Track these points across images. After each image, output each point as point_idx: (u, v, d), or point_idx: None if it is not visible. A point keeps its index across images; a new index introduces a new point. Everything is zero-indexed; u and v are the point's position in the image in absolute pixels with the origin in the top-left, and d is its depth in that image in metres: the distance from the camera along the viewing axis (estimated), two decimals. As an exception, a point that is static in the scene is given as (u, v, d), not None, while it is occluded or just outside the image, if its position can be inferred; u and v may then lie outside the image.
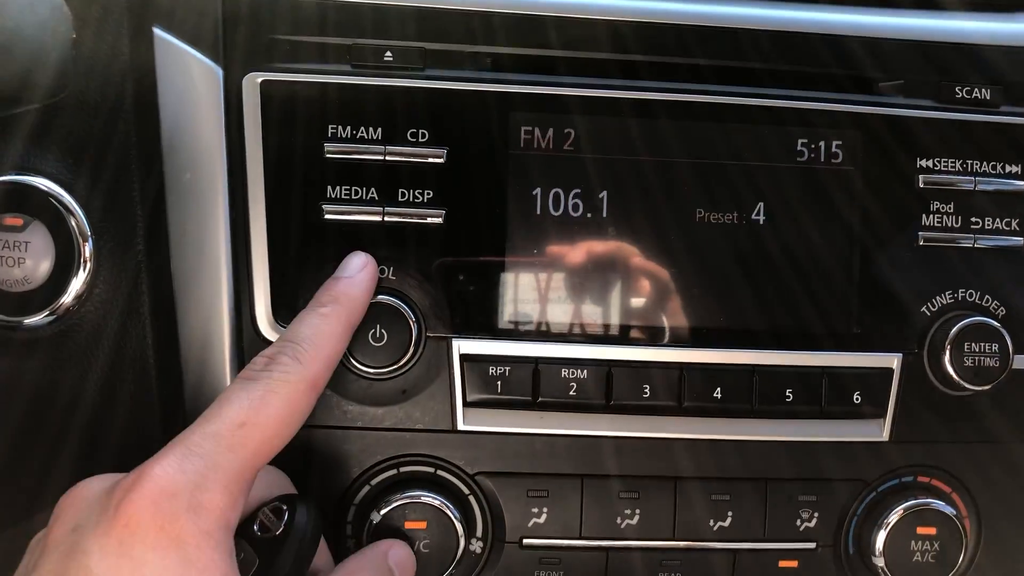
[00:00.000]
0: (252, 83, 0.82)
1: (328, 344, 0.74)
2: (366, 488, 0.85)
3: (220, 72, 0.82)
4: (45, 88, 0.64)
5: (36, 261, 0.83)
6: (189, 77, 0.83)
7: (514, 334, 0.84)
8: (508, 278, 0.84)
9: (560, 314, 0.85)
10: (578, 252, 0.85)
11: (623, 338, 0.85)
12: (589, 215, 0.85)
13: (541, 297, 0.85)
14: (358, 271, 0.79)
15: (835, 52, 0.88)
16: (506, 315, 0.84)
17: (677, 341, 0.85)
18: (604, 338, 0.85)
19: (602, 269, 0.85)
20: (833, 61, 0.88)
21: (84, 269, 0.83)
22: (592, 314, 0.85)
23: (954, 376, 0.86)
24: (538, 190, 0.85)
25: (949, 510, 0.88)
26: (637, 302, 0.85)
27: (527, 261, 0.84)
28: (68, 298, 0.83)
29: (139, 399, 0.86)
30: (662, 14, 0.86)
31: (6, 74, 0.59)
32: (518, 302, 0.85)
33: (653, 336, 0.85)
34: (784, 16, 0.88)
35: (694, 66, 0.87)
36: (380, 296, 0.81)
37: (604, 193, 0.85)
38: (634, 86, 0.86)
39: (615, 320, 0.85)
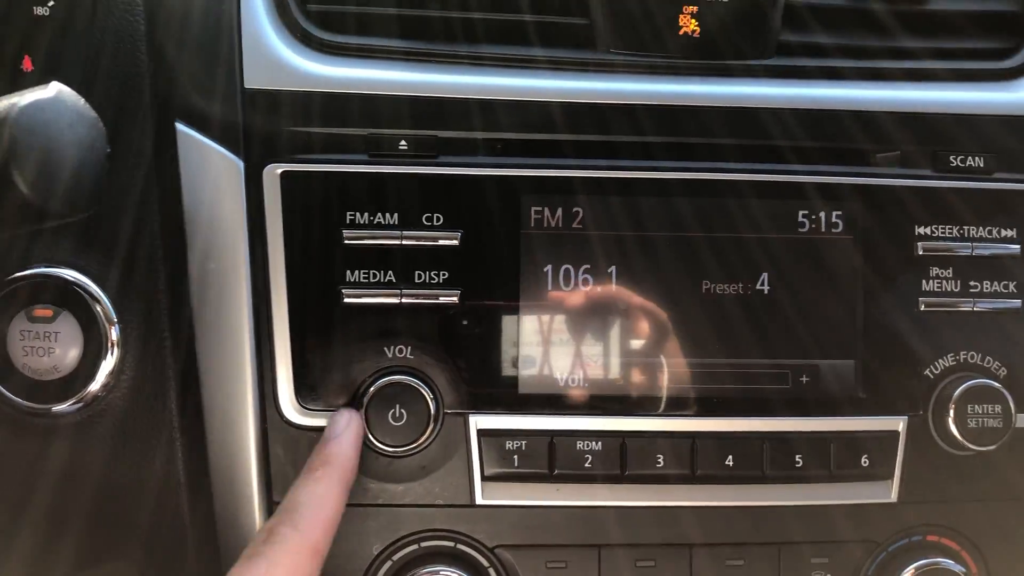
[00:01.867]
0: (272, 174, 0.85)
1: (325, 507, 0.76)
2: (388, 563, 0.87)
3: (241, 164, 0.86)
4: (84, 204, 0.67)
5: (65, 350, 0.86)
6: (211, 170, 0.86)
7: (530, 408, 0.87)
8: (523, 354, 0.87)
9: (573, 387, 0.87)
10: (588, 327, 0.88)
11: (636, 409, 0.88)
12: (599, 290, 0.88)
13: (556, 371, 0.88)
14: (343, 429, 0.82)
15: (832, 126, 0.91)
16: (521, 390, 0.87)
17: (688, 410, 0.88)
18: (617, 409, 0.87)
19: (614, 342, 0.88)
20: (831, 135, 0.91)
21: (111, 354, 0.86)
22: (605, 386, 0.88)
23: (958, 437, 0.89)
24: (549, 267, 0.88)
25: (959, 568, 0.90)
26: (648, 373, 0.88)
27: (540, 337, 0.87)
28: (96, 385, 0.85)
29: (165, 482, 0.88)
30: (664, 96, 0.90)
31: (52, 194, 0.62)
32: (532, 376, 0.87)
33: (665, 406, 0.88)
34: (780, 94, 0.91)
35: (696, 144, 0.90)
36: (399, 376, 0.84)
37: (613, 268, 0.88)
38: (639, 166, 0.89)
39: (627, 392, 0.88)
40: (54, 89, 0.65)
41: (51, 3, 0.88)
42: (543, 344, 0.87)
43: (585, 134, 0.89)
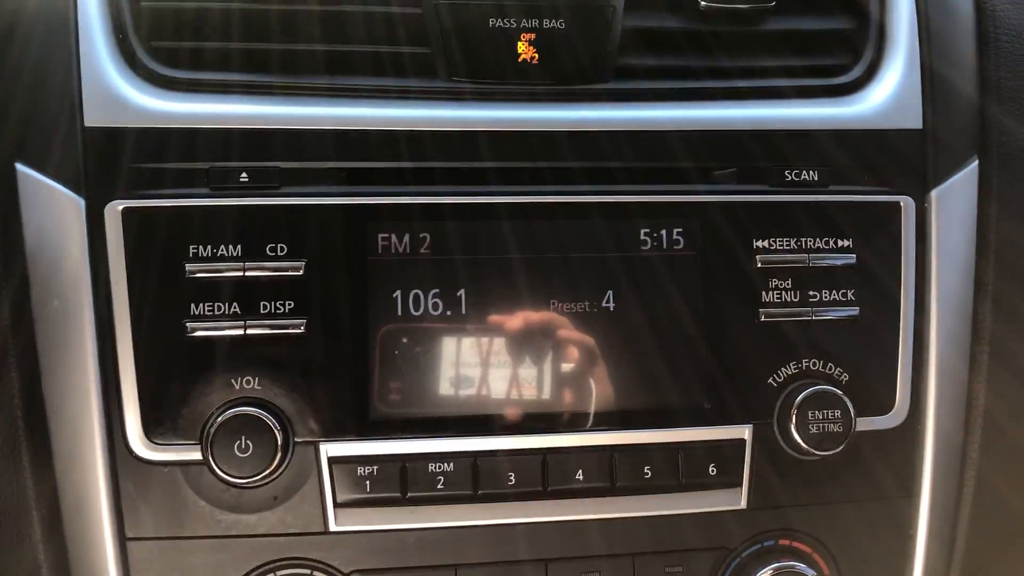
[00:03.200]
0: (113, 211, 0.86)
1: None
2: (245, 594, 0.87)
3: (82, 202, 0.86)
4: None
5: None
6: (53, 209, 0.86)
7: (381, 432, 0.88)
8: (371, 379, 0.88)
9: (424, 410, 0.89)
10: (439, 350, 0.89)
11: (485, 429, 0.89)
12: (449, 313, 0.89)
13: (404, 395, 0.89)
14: None
15: (671, 146, 0.94)
16: (371, 415, 0.88)
17: (538, 428, 0.89)
18: (468, 430, 0.89)
19: (462, 365, 0.89)
20: (670, 155, 0.94)
21: (-43, 398, 0.85)
22: (455, 407, 0.89)
23: (802, 443, 0.91)
24: (398, 292, 0.89)
25: (810, 572, 0.93)
26: (498, 393, 0.89)
27: (389, 362, 0.88)
28: None
29: (17, 529, 0.87)
30: (505, 122, 0.92)
31: None
32: (382, 402, 0.88)
33: (514, 425, 0.89)
34: (619, 116, 0.93)
35: (541, 168, 0.92)
36: (244, 407, 0.84)
37: (462, 291, 0.90)
38: (484, 191, 0.91)
39: (477, 412, 0.89)
40: None
41: None
42: (394, 369, 0.88)
43: (429, 161, 0.91)
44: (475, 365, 0.89)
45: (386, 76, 0.93)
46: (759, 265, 0.94)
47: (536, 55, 0.93)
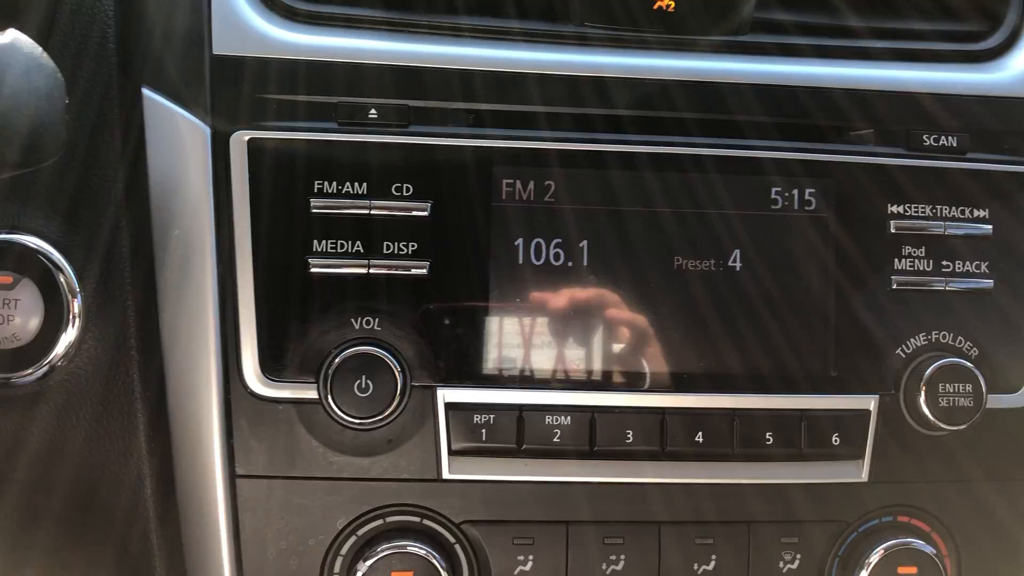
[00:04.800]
0: (239, 141, 0.84)
1: None
2: (353, 538, 0.86)
3: (208, 131, 0.84)
4: (41, 153, 0.66)
5: (26, 318, 0.84)
6: (177, 136, 0.85)
7: (498, 382, 0.86)
8: (492, 327, 0.86)
9: (543, 361, 0.86)
10: (560, 300, 0.87)
11: (605, 384, 0.87)
12: (570, 264, 0.87)
13: (525, 345, 0.87)
14: None
15: (807, 102, 0.91)
16: (490, 363, 0.86)
17: (658, 387, 0.87)
18: (587, 384, 0.87)
19: (584, 317, 0.87)
20: (805, 111, 0.91)
21: (73, 325, 0.85)
22: (575, 361, 0.87)
23: (929, 416, 0.88)
24: (520, 240, 0.87)
25: (929, 549, 0.90)
26: (618, 348, 0.87)
27: (510, 310, 0.86)
28: (57, 354, 0.84)
29: (128, 452, 0.87)
30: (638, 69, 0.89)
31: (7, 141, 0.61)
32: (502, 350, 0.86)
33: (635, 382, 0.87)
34: (757, 69, 0.91)
35: (671, 118, 0.90)
36: (366, 347, 0.83)
37: (584, 242, 0.87)
38: (612, 139, 0.88)
39: (597, 366, 0.87)
40: (10, 36, 0.64)
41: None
42: (513, 318, 0.86)
43: (558, 106, 0.88)
44: (595, 318, 0.87)
45: (516, 19, 0.90)
46: (893, 231, 0.90)
47: (672, 3, 0.90)
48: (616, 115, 0.89)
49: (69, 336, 0.84)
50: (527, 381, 0.86)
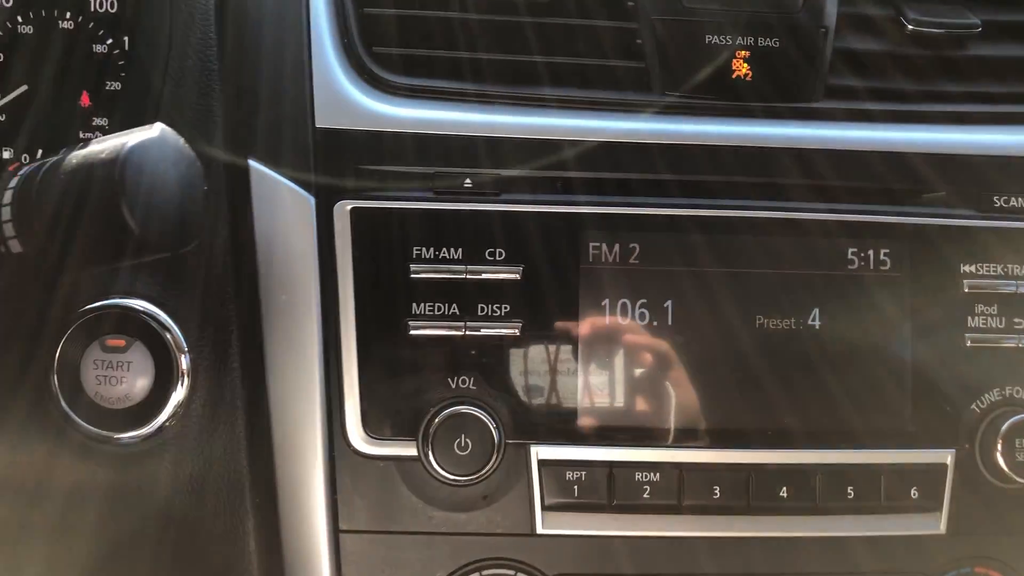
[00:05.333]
0: (343, 210, 0.88)
1: None
2: (451, 590, 0.89)
3: (312, 200, 0.89)
4: (187, 239, 0.70)
5: (135, 379, 0.88)
6: (283, 205, 0.89)
7: (590, 439, 0.89)
8: (582, 385, 0.89)
9: (632, 419, 0.90)
10: (646, 359, 0.90)
11: (692, 441, 0.90)
12: (655, 323, 0.90)
13: (614, 403, 0.90)
14: None
15: (881, 167, 0.94)
16: (581, 421, 0.89)
17: (744, 443, 0.90)
18: (675, 442, 0.90)
19: (669, 374, 0.90)
20: (879, 176, 0.94)
21: (182, 384, 0.88)
22: (663, 418, 0.90)
23: (1006, 470, 0.91)
24: (607, 301, 0.90)
25: (1007, 600, 0.92)
26: (704, 406, 0.90)
27: (599, 368, 0.89)
28: (165, 414, 0.88)
29: (232, 511, 0.90)
30: (718, 137, 0.93)
31: (157, 229, 0.65)
32: (592, 408, 0.89)
33: (721, 438, 0.90)
34: (830, 135, 0.94)
35: (751, 183, 0.93)
36: (463, 407, 0.86)
37: (669, 302, 0.91)
38: (695, 203, 0.92)
39: (684, 424, 0.90)
40: (158, 129, 0.68)
41: (109, 41, 0.92)
42: (603, 376, 0.89)
43: (642, 173, 0.92)
44: (681, 376, 0.90)
45: (598, 88, 0.94)
46: (966, 290, 0.93)
47: (750, 72, 0.94)
48: (698, 181, 0.93)
49: (177, 397, 0.88)
50: (617, 439, 0.89)
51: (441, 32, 0.94)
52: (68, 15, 0.94)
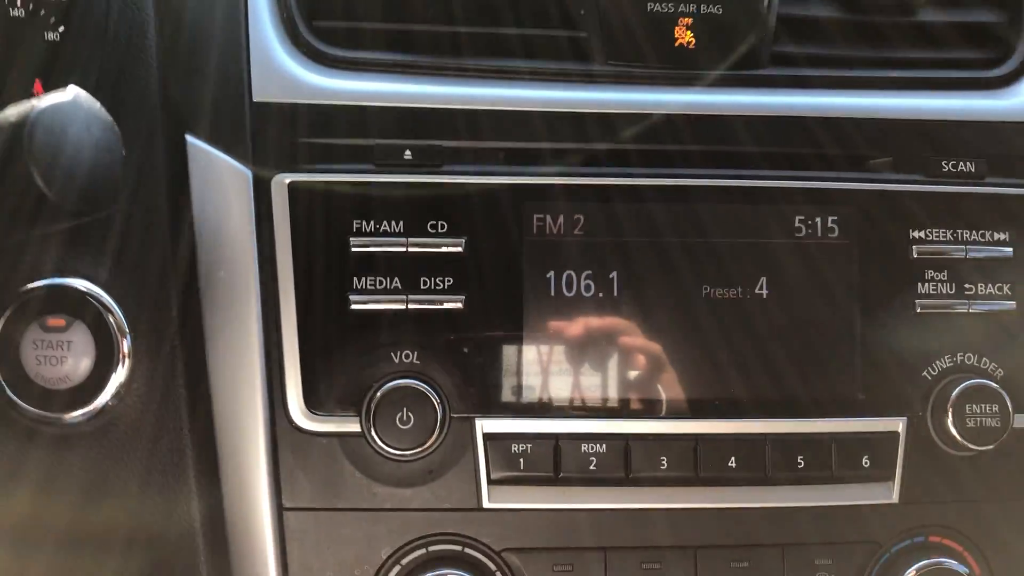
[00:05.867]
0: (280, 184, 0.87)
1: None
2: (397, 567, 0.88)
3: (250, 175, 0.88)
4: (100, 204, 0.69)
5: (77, 359, 0.87)
6: (221, 181, 0.88)
7: (535, 412, 0.88)
8: (527, 358, 0.88)
9: (578, 391, 0.89)
10: (592, 331, 0.89)
11: (639, 412, 0.89)
12: (601, 295, 0.90)
13: (559, 375, 0.89)
14: None
15: (828, 133, 0.94)
16: (526, 394, 0.88)
17: (691, 413, 0.89)
18: (621, 412, 0.89)
19: (616, 346, 0.89)
20: (826, 142, 0.93)
21: (123, 365, 0.87)
22: (609, 389, 0.89)
23: (958, 437, 0.90)
24: (552, 273, 0.89)
25: (962, 569, 0.91)
26: (651, 376, 0.89)
27: (544, 341, 0.89)
28: (107, 394, 0.86)
29: (176, 490, 0.89)
30: (659, 106, 0.92)
31: (70, 191, 0.64)
32: (538, 380, 0.88)
33: (668, 409, 0.89)
34: (776, 102, 0.93)
35: (697, 151, 0.93)
36: (406, 380, 0.85)
37: (615, 273, 0.90)
38: (637, 173, 0.91)
39: (631, 394, 0.89)
40: (71, 92, 0.67)
41: (61, 28, 0.91)
42: (548, 348, 0.89)
43: (584, 143, 0.91)
44: (627, 347, 0.89)
45: (541, 59, 0.94)
46: (915, 255, 0.93)
47: (693, 40, 0.93)
48: (643, 150, 0.92)
49: (119, 376, 0.87)
50: (563, 410, 0.88)
51: (381, 4, 0.93)
52: (19, 2, 0.93)
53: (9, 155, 0.62)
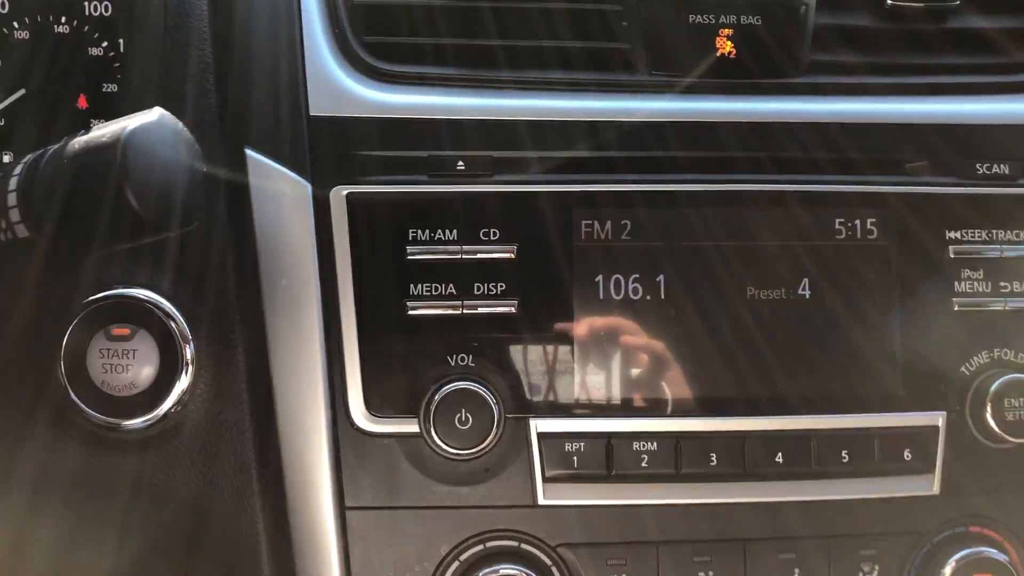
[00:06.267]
0: (338, 196, 0.90)
1: None
2: (456, 563, 0.91)
3: (309, 187, 0.91)
4: (188, 219, 0.72)
5: (141, 367, 0.90)
6: (280, 193, 0.91)
7: (587, 411, 0.91)
8: (578, 359, 0.91)
9: (628, 390, 0.92)
10: (641, 332, 0.92)
11: (688, 410, 0.92)
12: (649, 298, 0.92)
13: (610, 375, 0.92)
14: None
15: (864, 139, 0.96)
16: (578, 394, 0.91)
17: (739, 411, 0.92)
18: (671, 411, 0.92)
19: (664, 347, 0.92)
20: (864, 147, 0.96)
21: (186, 372, 0.90)
22: (658, 389, 0.92)
23: (996, 430, 0.92)
24: (600, 277, 0.92)
25: (1002, 557, 0.94)
26: (699, 376, 0.92)
27: (594, 342, 0.91)
28: (171, 401, 0.89)
29: (239, 495, 0.92)
30: (703, 114, 0.95)
31: (159, 209, 0.67)
32: (588, 381, 0.91)
33: (716, 407, 0.92)
34: (814, 109, 0.96)
35: (738, 158, 0.95)
36: (463, 383, 0.88)
37: (661, 277, 0.93)
38: (683, 179, 0.94)
39: (679, 394, 0.92)
40: (157, 113, 0.70)
41: (104, 44, 0.94)
42: (598, 350, 0.92)
43: (631, 151, 0.94)
44: (675, 348, 0.92)
45: (586, 71, 0.97)
46: (952, 255, 0.95)
47: (734, 50, 0.96)
48: (685, 157, 0.95)
49: (183, 383, 0.90)
50: (614, 410, 0.91)
51: (430, 19, 0.96)
52: (63, 19, 0.96)
53: (103, 172, 0.65)
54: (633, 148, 0.94)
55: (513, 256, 0.91)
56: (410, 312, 0.90)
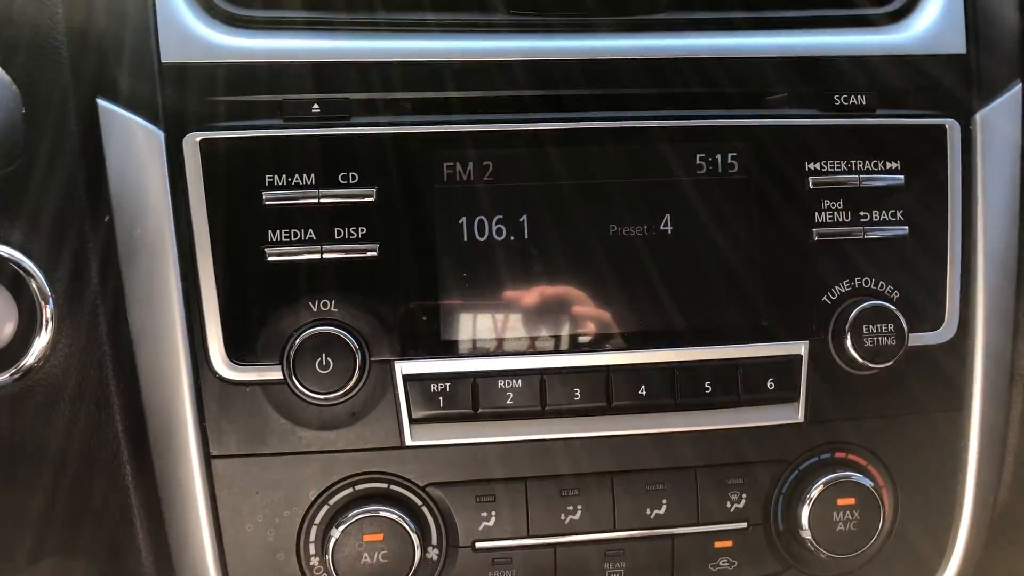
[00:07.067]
0: (192, 142, 0.89)
1: None
2: (325, 507, 0.91)
3: (161, 134, 0.89)
4: (2, 159, 0.71)
5: (1, 323, 0.88)
6: (133, 141, 0.90)
7: (452, 352, 0.91)
8: (442, 301, 0.91)
9: (492, 330, 0.92)
10: (504, 273, 0.92)
11: (552, 348, 0.93)
12: (512, 238, 0.93)
13: (474, 316, 0.92)
14: None
15: (725, 73, 0.97)
16: (443, 335, 0.91)
17: (601, 347, 0.93)
18: (534, 349, 0.92)
19: (527, 286, 0.93)
20: (724, 81, 0.97)
21: (46, 329, 0.89)
22: (522, 328, 0.93)
23: (856, 357, 0.94)
24: (463, 219, 0.92)
25: (866, 481, 0.96)
26: (562, 313, 0.93)
27: (458, 284, 0.92)
28: (31, 358, 0.88)
29: (106, 445, 0.92)
30: (561, 52, 0.95)
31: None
32: (453, 323, 0.92)
33: (579, 343, 0.93)
34: (674, 44, 0.97)
35: (599, 95, 0.95)
36: (324, 327, 0.88)
37: (524, 217, 0.93)
38: (545, 118, 0.94)
39: (543, 331, 0.93)
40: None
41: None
42: (462, 292, 0.92)
43: (490, 90, 0.94)
44: (538, 287, 0.93)
45: (444, 10, 0.96)
46: (811, 187, 0.96)
47: (593, -13, 0.96)
48: (546, 95, 0.94)
49: (42, 340, 0.88)
50: (479, 350, 0.92)
51: None
52: None
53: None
54: (491, 88, 0.94)
55: (373, 199, 0.91)
56: (269, 258, 0.89)
